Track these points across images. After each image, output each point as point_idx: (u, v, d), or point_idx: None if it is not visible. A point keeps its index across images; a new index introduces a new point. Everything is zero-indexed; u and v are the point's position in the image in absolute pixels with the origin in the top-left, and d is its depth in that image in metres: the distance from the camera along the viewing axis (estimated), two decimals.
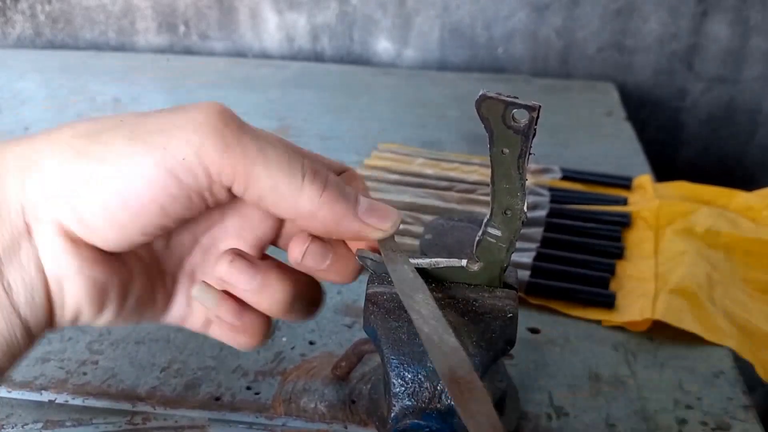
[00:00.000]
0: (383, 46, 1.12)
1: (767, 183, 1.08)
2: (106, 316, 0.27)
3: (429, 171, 0.70)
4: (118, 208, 0.25)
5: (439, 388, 0.32)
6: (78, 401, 0.41)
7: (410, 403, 0.32)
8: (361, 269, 0.30)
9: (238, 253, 0.29)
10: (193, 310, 0.31)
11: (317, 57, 1.15)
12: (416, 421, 0.32)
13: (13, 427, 0.39)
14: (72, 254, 0.25)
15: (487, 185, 0.66)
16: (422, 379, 0.32)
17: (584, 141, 0.83)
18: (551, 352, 0.46)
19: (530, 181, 0.68)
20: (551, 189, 0.67)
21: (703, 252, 0.55)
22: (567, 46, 1.08)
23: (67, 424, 0.39)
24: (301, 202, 0.25)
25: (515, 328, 0.32)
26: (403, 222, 0.61)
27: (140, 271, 0.28)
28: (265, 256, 0.31)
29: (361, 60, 1.14)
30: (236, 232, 0.30)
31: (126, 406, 0.40)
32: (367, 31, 1.12)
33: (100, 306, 0.27)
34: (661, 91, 1.08)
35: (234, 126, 0.25)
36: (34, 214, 0.25)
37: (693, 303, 0.48)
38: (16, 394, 0.41)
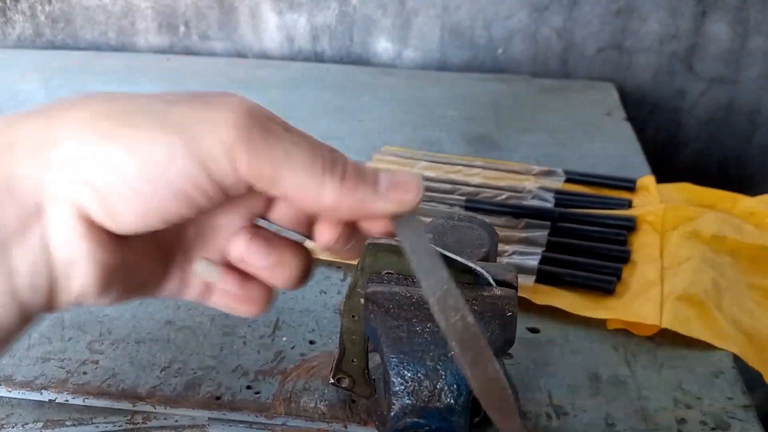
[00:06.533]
0: (383, 46, 1.12)
1: (767, 183, 1.08)
2: (109, 297, 0.27)
3: (431, 174, 0.70)
4: (147, 195, 0.24)
5: (438, 386, 0.32)
6: (78, 401, 0.41)
7: (410, 402, 0.32)
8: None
9: (255, 232, 0.29)
10: (189, 283, 0.30)
11: (317, 57, 1.15)
12: (416, 419, 0.32)
13: (13, 427, 0.39)
14: (85, 238, 0.25)
15: (491, 188, 0.66)
16: (422, 377, 0.32)
17: (584, 141, 0.83)
18: (551, 352, 0.46)
19: (534, 184, 0.68)
20: (556, 192, 0.67)
21: (709, 257, 0.55)
22: (567, 46, 1.08)
23: (68, 423, 0.39)
24: (324, 197, 0.26)
25: (514, 327, 0.32)
26: None
27: (141, 250, 0.28)
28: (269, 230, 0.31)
29: (361, 60, 1.14)
30: (232, 209, 0.30)
31: (126, 405, 0.41)
32: (367, 32, 1.12)
33: (105, 288, 0.26)
34: (661, 92, 1.08)
35: (262, 128, 0.25)
36: (51, 195, 0.24)
37: (700, 311, 0.48)
38: (17, 394, 0.41)
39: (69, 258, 0.25)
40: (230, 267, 0.30)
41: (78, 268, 0.25)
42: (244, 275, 0.29)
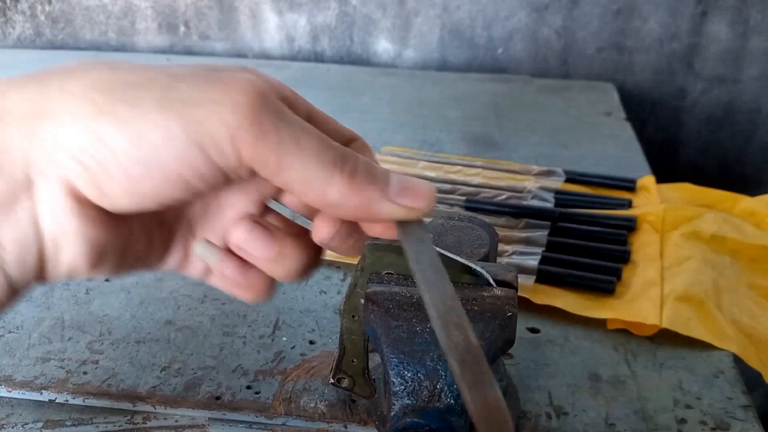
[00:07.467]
0: (383, 46, 1.12)
1: (767, 183, 1.08)
2: (102, 271, 0.26)
3: (432, 174, 0.70)
4: (139, 177, 0.23)
5: (438, 386, 0.32)
6: (78, 401, 0.41)
7: (410, 402, 0.32)
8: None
9: (257, 221, 0.28)
10: (192, 260, 0.29)
11: (317, 57, 1.15)
12: (416, 419, 0.32)
13: (13, 427, 0.39)
14: (74, 215, 0.24)
15: (491, 188, 0.66)
16: (422, 377, 0.32)
17: (584, 141, 0.83)
18: (551, 352, 0.46)
19: (534, 184, 0.68)
20: (556, 193, 0.67)
21: (709, 257, 0.55)
22: (567, 46, 1.08)
23: (68, 423, 0.39)
24: (330, 193, 0.24)
25: (514, 327, 0.32)
26: None
27: (140, 227, 0.27)
28: (276, 220, 0.30)
29: (361, 60, 1.14)
30: (241, 190, 0.29)
31: (126, 405, 0.41)
32: (367, 32, 1.12)
33: (96, 264, 0.25)
34: (661, 91, 1.08)
35: (272, 111, 0.23)
36: (40, 169, 0.23)
37: (700, 311, 0.48)
38: (16, 394, 0.41)
39: (57, 233, 0.24)
40: (231, 252, 0.29)
41: (67, 244, 0.24)
42: (245, 262, 0.29)
